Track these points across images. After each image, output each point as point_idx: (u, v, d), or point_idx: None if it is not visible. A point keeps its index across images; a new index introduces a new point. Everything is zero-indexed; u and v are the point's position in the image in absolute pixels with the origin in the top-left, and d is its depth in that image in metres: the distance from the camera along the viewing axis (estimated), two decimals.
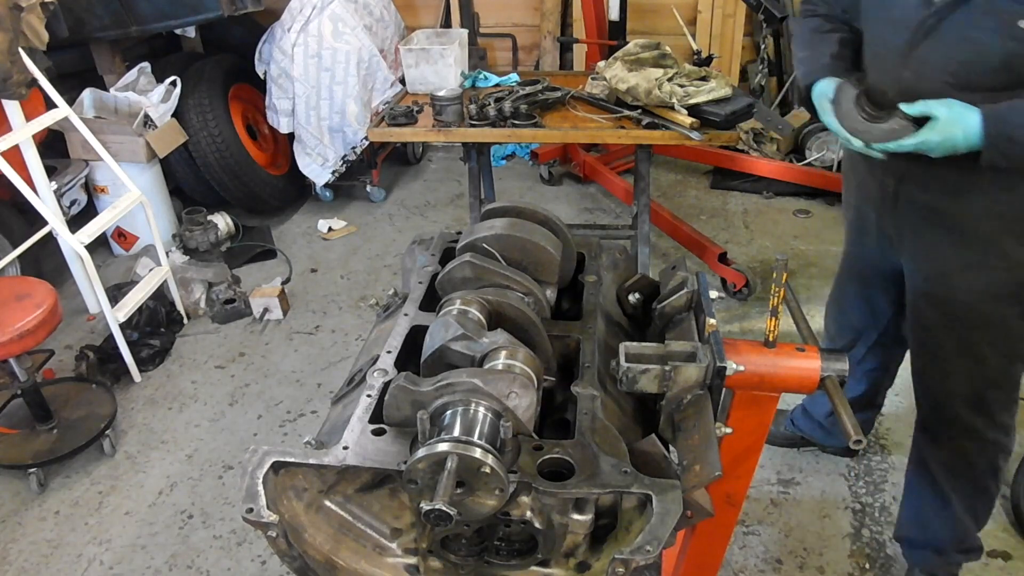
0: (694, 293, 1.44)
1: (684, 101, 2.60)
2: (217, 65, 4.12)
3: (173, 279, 3.40)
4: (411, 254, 1.76)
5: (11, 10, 2.69)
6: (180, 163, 4.04)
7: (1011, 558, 2.21)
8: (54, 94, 3.00)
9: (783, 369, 1.32)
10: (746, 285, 3.37)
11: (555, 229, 1.52)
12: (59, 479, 2.64)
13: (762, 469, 2.53)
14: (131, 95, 3.75)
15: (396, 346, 1.40)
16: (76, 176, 3.57)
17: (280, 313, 3.48)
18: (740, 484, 1.50)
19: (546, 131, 2.78)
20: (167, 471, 2.66)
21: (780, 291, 1.29)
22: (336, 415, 1.40)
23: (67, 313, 3.40)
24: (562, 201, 4.52)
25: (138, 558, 2.34)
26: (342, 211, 4.49)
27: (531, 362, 1.23)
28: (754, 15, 4.62)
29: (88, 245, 2.88)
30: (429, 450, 1.05)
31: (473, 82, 3.25)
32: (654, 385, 1.26)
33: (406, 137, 3.02)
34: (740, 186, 4.50)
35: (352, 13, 3.97)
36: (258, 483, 1.12)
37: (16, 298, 2.47)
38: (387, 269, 3.88)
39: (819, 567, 2.22)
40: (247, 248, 4.01)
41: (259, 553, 2.32)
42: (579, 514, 1.11)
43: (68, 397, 2.86)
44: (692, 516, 1.15)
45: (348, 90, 3.99)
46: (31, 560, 2.34)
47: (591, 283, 1.60)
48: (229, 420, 2.89)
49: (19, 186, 2.74)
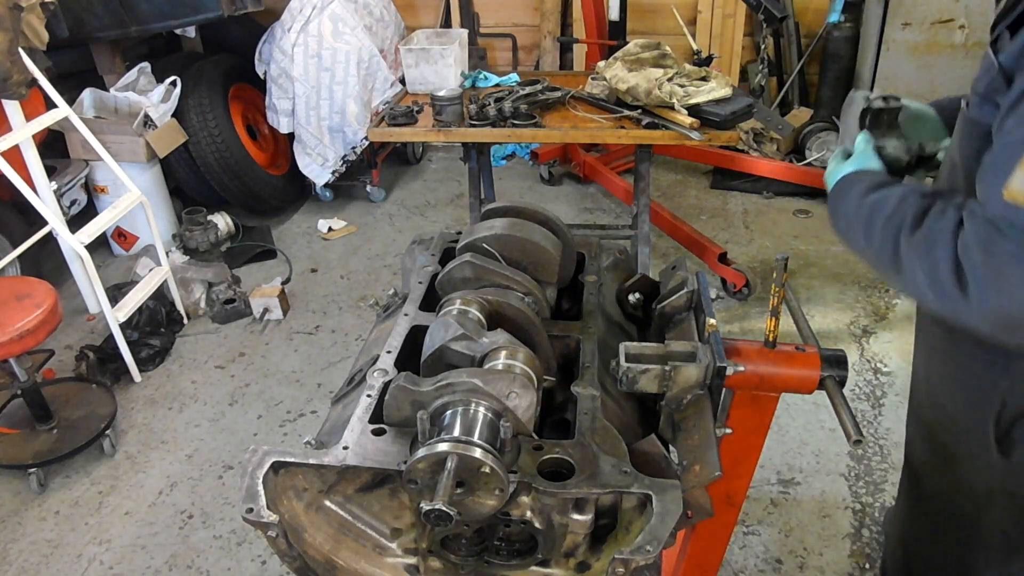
0: (694, 293, 1.44)
1: (684, 101, 2.60)
2: (217, 65, 4.12)
3: (173, 279, 3.40)
4: (411, 254, 1.76)
5: (11, 10, 2.69)
6: (180, 163, 4.04)
7: None
8: (54, 94, 3.00)
9: (783, 369, 1.32)
10: (746, 285, 3.37)
11: (555, 229, 1.52)
12: (59, 479, 2.64)
13: (762, 469, 2.53)
14: (131, 95, 3.76)
15: (396, 346, 1.40)
16: (76, 176, 3.57)
17: (280, 313, 3.48)
18: (740, 484, 1.49)
19: (546, 131, 2.78)
20: (167, 471, 2.66)
21: (780, 291, 1.29)
22: (336, 415, 1.40)
23: (67, 313, 3.41)
24: (562, 201, 4.52)
25: (138, 558, 2.34)
26: (342, 211, 4.49)
27: (531, 362, 1.23)
28: (754, 15, 4.62)
29: (88, 245, 2.88)
30: (429, 450, 1.05)
31: (473, 82, 3.25)
32: (654, 385, 1.26)
33: (406, 137, 3.02)
34: (740, 186, 4.50)
35: (352, 13, 3.97)
36: (258, 483, 1.12)
37: (16, 298, 2.47)
38: (387, 269, 3.88)
39: (819, 567, 2.22)
40: (247, 248, 4.01)
41: (259, 553, 2.32)
42: (579, 514, 1.11)
43: (68, 397, 2.86)
44: (692, 516, 1.15)
45: (348, 90, 3.99)
46: (31, 560, 2.34)
47: (591, 283, 1.60)
48: (229, 420, 2.89)
49: (19, 186, 2.74)
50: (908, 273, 1.03)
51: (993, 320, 0.95)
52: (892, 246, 1.05)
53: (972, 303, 0.95)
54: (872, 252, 1.11)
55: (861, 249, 1.15)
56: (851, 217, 1.16)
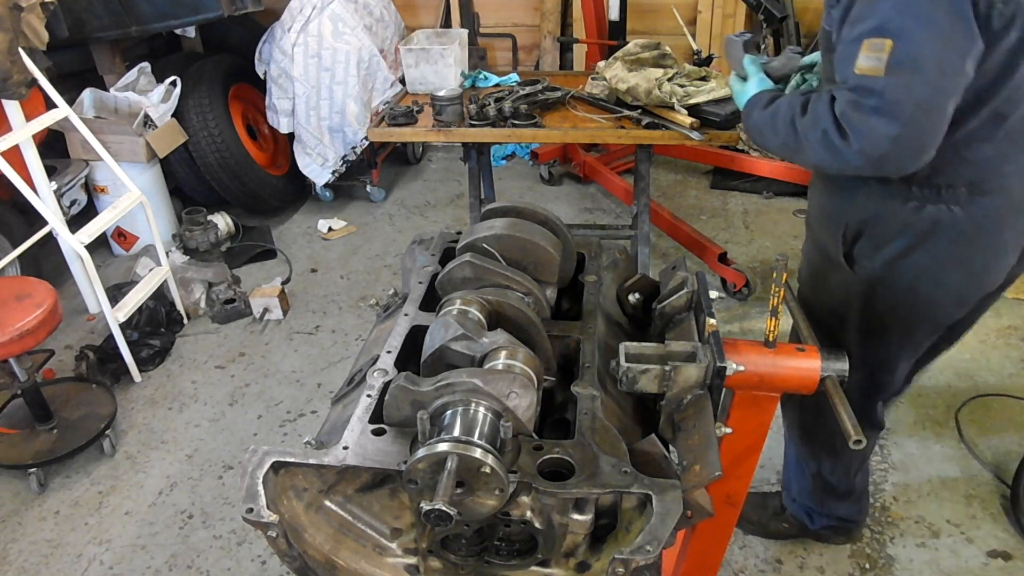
0: (694, 293, 1.44)
1: (684, 101, 2.60)
2: (217, 65, 4.12)
3: (173, 279, 3.40)
4: (411, 254, 1.76)
5: (11, 10, 2.69)
6: (180, 163, 4.04)
7: (1011, 558, 2.21)
8: (54, 94, 3.00)
9: (783, 369, 1.32)
10: (746, 285, 3.37)
11: (555, 229, 1.52)
12: (59, 479, 2.64)
13: (762, 469, 2.53)
14: (131, 95, 3.76)
15: (396, 346, 1.40)
16: (76, 176, 3.57)
17: (280, 313, 3.48)
18: (740, 484, 1.50)
19: (546, 131, 2.78)
20: (167, 471, 2.66)
21: (780, 291, 1.30)
22: (336, 415, 1.40)
23: (67, 313, 3.41)
24: (562, 201, 4.52)
25: (138, 558, 2.34)
26: (342, 211, 4.49)
27: (531, 362, 1.23)
28: (754, 15, 4.62)
29: (88, 245, 2.88)
30: (429, 450, 1.05)
31: (473, 82, 3.25)
32: (654, 385, 1.26)
33: (406, 137, 3.02)
34: (740, 186, 4.50)
35: (352, 13, 3.97)
36: (258, 483, 1.12)
37: (16, 298, 2.47)
38: (387, 269, 3.88)
39: (819, 567, 2.22)
40: (247, 248, 4.01)
41: (259, 553, 2.32)
42: (579, 514, 1.11)
43: (68, 397, 2.86)
44: (692, 516, 1.15)
45: (348, 90, 3.99)
46: (31, 560, 2.34)
47: (591, 283, 1.60)
48: (229, 420, 2.89)
49: (19, 186, 2.74)
50: (806, 145, 1.40)
51: (866, 158, 1.31)
52: (792, 133, 1.42)
53: (853, 148, 1.30)
54: (779, 143, 1.49)
55: (773, 146, 1.54)
56: (760, 125, 1.55)
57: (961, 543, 2.27)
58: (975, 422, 2.70)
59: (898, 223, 1.48)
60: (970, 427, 2.67)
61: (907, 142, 1.27)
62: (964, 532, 2.30)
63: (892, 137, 1.26)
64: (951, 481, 2.48)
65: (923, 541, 2.28)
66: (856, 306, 1.64)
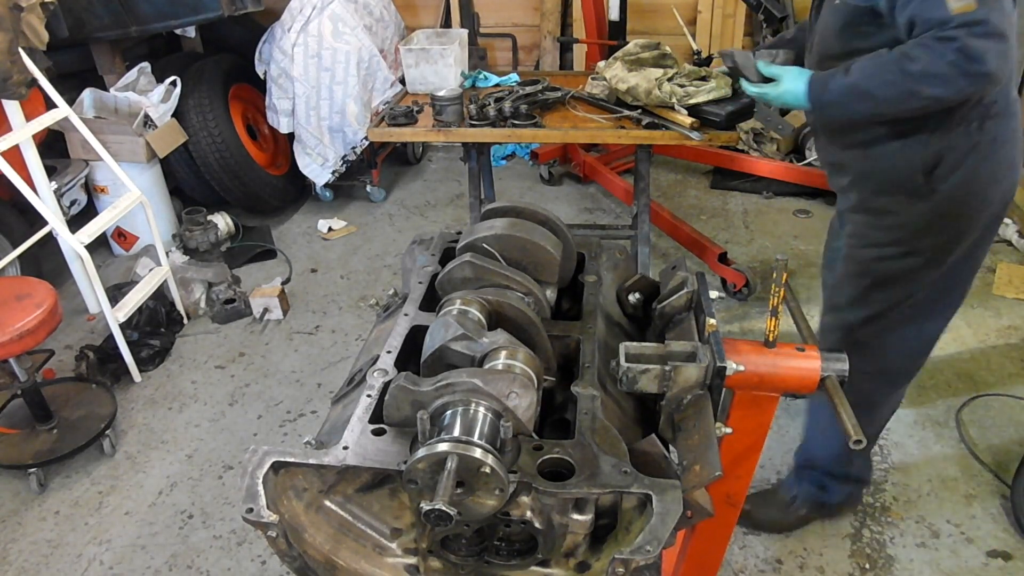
0: (694, 293, 1.44)
1: (684, 101, 2.60)
2: (217, 65, 4.12)
3: (173, 279, 3.40)
4: (411, 254, 1.76)
5: (11, 10, 2.69)
6: (180, 163, 4.04)
7: (1011, 558, 2.21)
8: (54, 94, 3.00)
9: (783, 369, 1.32)
10: (746, 285, 3.37)
11: (555, 229, 1.52)
12: (59, 479, 2.64)
13: (762, 469, 2.53)
14: (131, 95, 3.75)
15: (396, 346, 1.40)
16: (76, 176, 3.57)
17: (280, 313, 3.48)
18: (740, 484, 1.50)
19: (546, 131, 2.78)
20: (167, 471, 2.66)
21: (780, 291, 1.29)
22: (336, 415, 1.40)
23: (67, 313, 3.41)
24: (562, 201, 4.52)
25: (138, 558, 2.34)
26: (342, 211, 4.49)
27: (531, 362, 1.23)
28: (754, 15, 4.62)
29: (88, 245, 2.88)
30: (429, 450, 1.05)
31: (473, 82, 3.25)
32: (654, 385, 1.26)
33: (406, 137, 3.02)
34: (740, 186, 4.50)
35: (352, 13, 3.97)
36: (258, 483, 1.12)
37: (16, 298, 2.47)
38: (387, 269, 3.88)
39: (819, 567, 2.22)
40: (247, 248, 4.01)
41: (259, 553, 2.32)
42: (579, 514, 1.11)
43: (68, 397, 2.86)
44: (692, 516, 1.15)
45: (348, 90, 3.99)
46: (31, 560, 2.34)
47: (591, 283, 1.60)
48: (229, 420, 2.89)
49: (19, 186, 2.74)
50: (927, 84, 1.53)
51: (989, 78, 1.50)
52: (907, 78, 1.55)
53: (983, 69, 1.48)
54: (888, 96, 1.61)
55: (874, 106, 1.65)
56: (848, 91, 1.66)
57: (961, 543, 2.27)
58: (975, 422, 2.70)
59: (969, 142, 1.69)
60: (970, 427, 2.68)
61: (1012, 57, 1.52)
62: (964, 532, 2.30)
63: (1007, 54, 1.50)
64: (951, 481, 2.48)
65: (923, 541, 2.28)
66: (936, 225, 1.79)
